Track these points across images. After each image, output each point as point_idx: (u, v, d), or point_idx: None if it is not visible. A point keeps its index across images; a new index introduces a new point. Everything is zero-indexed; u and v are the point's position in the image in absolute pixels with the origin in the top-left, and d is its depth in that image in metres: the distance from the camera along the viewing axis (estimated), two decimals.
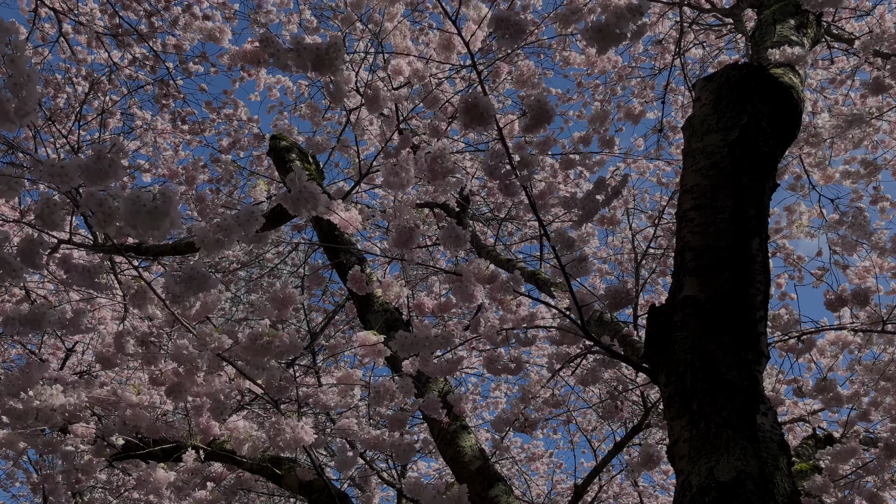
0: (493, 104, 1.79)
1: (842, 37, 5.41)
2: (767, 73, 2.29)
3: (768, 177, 2.22)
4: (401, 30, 3.60)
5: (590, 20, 6.11)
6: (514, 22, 1.82)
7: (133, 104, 7.19)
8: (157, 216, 1.74)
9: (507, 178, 2.08)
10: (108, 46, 6.63)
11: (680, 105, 7.28)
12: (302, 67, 1.90)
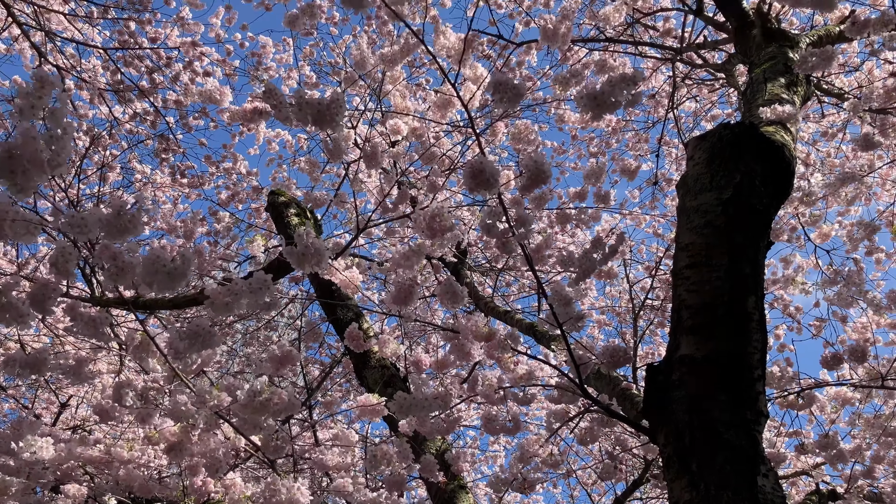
0: (498, 169, 1.81)
1: (831, 91, 5.51)
2: (759, 133, 2.33)
3: (763, 235, 2.24)
4: (399, 90, 3.66)
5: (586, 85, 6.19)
6: (513, 86, 1.85)
7: (133, 158, 7.27)
8: (175, 277, 1.77)
9: (504, 236, 2.09)
10: (109, 102, 6.73)
11: (674, 157, 7.37)
12: (303, 121, 1.93)
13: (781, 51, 3.34)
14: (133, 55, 6.58)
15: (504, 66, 7.03)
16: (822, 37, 3.68)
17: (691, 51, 5.67)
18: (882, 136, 3.14)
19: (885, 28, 2.48)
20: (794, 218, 4.71)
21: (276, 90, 1.96)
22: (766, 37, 3.49)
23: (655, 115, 7.25)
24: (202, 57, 6.84)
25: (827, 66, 2.58)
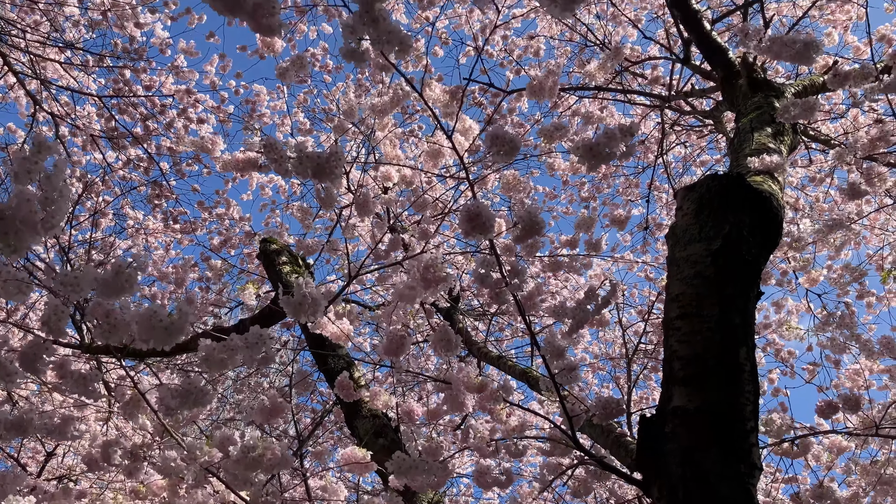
0: (493, 214, 1.83)
1: (818, 138, 5.59)
2: (747, 183, 2.36)
3: (752, 285, 2.25)
4: (391, 139, 3.70)
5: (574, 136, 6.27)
6: (510, 139, 1.88)
7: (126, 204, 7.29)
8: (172, 332, 1.76)
9: (497, 286, 2.09)
10: (103, 148, 6.77)
11: (665, 202, 7.43)
12: (303, 175, 1.94)
13: (767, 100, 3.39)
14: (128, 102, 6.64)
15: (495, 112, 7.12)
16: (806, 86, 3.75)
17: (679, 98, 5.76)
18: (868, 185, 3.18)
19: (864, 80, 2.53)
20: (785, 262, 4.74)
21: (275, 144, 1.98)
22: (752, 86, 3.56)
23: (645, 160, 7.33)
24: (196, 104, 6.91)
25: (809, 116, 2.62)
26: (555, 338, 2.22)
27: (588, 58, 6.80)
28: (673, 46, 5.95)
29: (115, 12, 6.33)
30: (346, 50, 1.74)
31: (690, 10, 3.93)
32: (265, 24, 1.60)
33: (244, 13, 1.58)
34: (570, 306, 2.09)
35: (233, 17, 1.63)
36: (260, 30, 1.62)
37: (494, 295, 2.03)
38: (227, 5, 1.56)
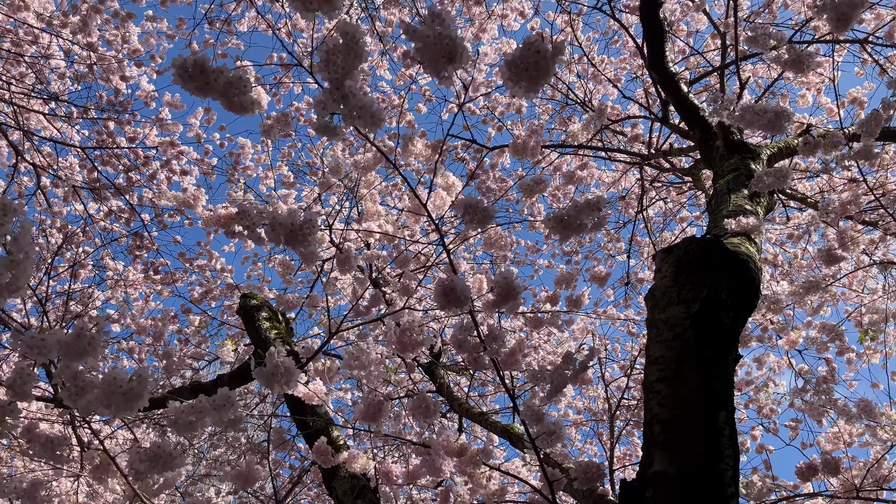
0: (468, 287, 1.82)
1: (795, 196, 5.68)
2: (724, 247, 2.38)
3: (731, 349, 2.25)
4: (372, 196, 3.72)
5: (555, 190, 6.30)
6: (483, 209, 1.89)
7: (106, 255, 7.22)
8: (132, 398, 1.73)
9: (475, 351, 2.08)
10: (84, 199, 6.74)
11: (646, 256, 7.48)
12: (275, 242, 1.94)
13: (744, 162, 3.45)
14: (111, 154, 6.65)
15: (478, 168, 7.19)
16: (781, 149, 3.83)
17: (659, 157, 5.85)
18: (843, 249, 3.23)
19: (835, 148, 2.59)
20: (765, 323, 4.76)
21: (248, 211, 1.98)
22: (729, 148, 3.62)
23: (626, 214, 7.40)
24: (180, 156, 6.93)
25: (782, 184, 2.67)
26: (534, 402, 2.20)
27: (569, 115, 6.92)
28: (652, 106, 6.07)
29: (101, 65, 6.38)
30: (318, 125, 1.76)
31: (668, 73, 4.01)
32: (237, 102, 1.61)
33: (215, 92, 1.59)
34: (548, 371, 2.08)
35: (205, 97, 1.64)
36: (232, 108, 1.63)
37: (472, 360, 2.02)
38: (198, 86, 1.57)
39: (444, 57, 1.59)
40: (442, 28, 1.57)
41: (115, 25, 6.43)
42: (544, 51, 1.61)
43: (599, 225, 1.92)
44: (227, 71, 1.60)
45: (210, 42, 6.74)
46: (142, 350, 6.77)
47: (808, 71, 2.54)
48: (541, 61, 1.61)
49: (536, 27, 7.08)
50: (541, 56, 1.61)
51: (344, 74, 1.62)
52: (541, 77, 1.63)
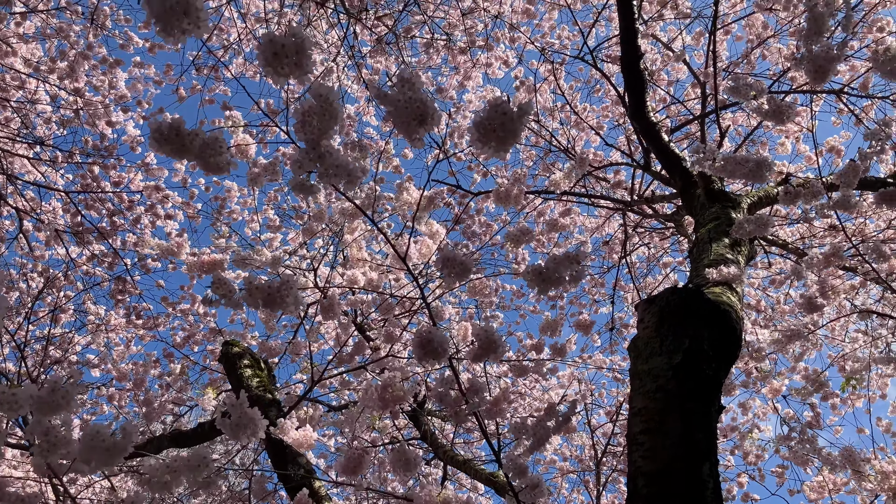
0: (447, 338, 1.82)
1: (776, 242, 5.74)
2: (706, 298, 2.39)
3: (714, 400, 2.25)
4: (357, 242, 3.72)
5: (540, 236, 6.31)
6: (461, 262, 1.90)
7: (87, 299, 7.15)
8: (114, 453, 1.69)
9: (457, 404, 2.07)
10: (66, 243, 6.70)
11: (630, 302, 7.50)
12: (253, 306, 1.93)
13: (724, 211, 3.49)
14: (95, 198, 6.63)
15: (463, 212, 7.23)
16: (761, 197, 3.88)
17: (641, 203, 5.91)
18: (823, 298, 3.26)
19: (814, 198, 2.63)
20: (749, 369, 4.77)
21: (224, 281, 1.98)
22: (710, 197, 3.66)
23: (611, 259, 7.44)
24: (165, 200, 6.92)
25: (763, 232, 2.70)
26: (517, 455, 2.18)
27: (553, 161, 7.00)
28: (634, 153, 6.15)
29: (88, 110, 6.40)
30: (295, 184, 1.77)
31: (649, 122, 4.07)
32: (213, 163, 1.62)
33: (191, 154, 1.60)
34: (530, 423, 2.07)
35: (180, 159, 1.64)
36: (209, 169, 1.64)
37: (454, 413, 2.00)
38: (174, 149, 1.58)
39: (415, 120, 1.61)
40: (412, 92, 1.59)
41: (102, 71, 6.48)
42: (510, 112, 1.63)
43: (578, 277, 1.93)
44: (202, 133, 1.61)
45: (197, 88, 6.80)
46: (122, 396, 6.67)
47: (788, 121, 2.58)
48: (507, 122, 1.64)
49: (520, 75, 7.20)
50: (507, 117, 1.63)
51: (320, 134, 1.64)
52: (508, 137, 1.65)
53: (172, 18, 1.35)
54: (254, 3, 6.57)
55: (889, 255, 2.97)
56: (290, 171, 1.77)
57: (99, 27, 6.28)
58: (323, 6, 6.15)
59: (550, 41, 7.12)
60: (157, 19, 1.34)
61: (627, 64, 3.98)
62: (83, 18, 6.26)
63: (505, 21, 6.65)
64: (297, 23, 6.74)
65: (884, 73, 2.56)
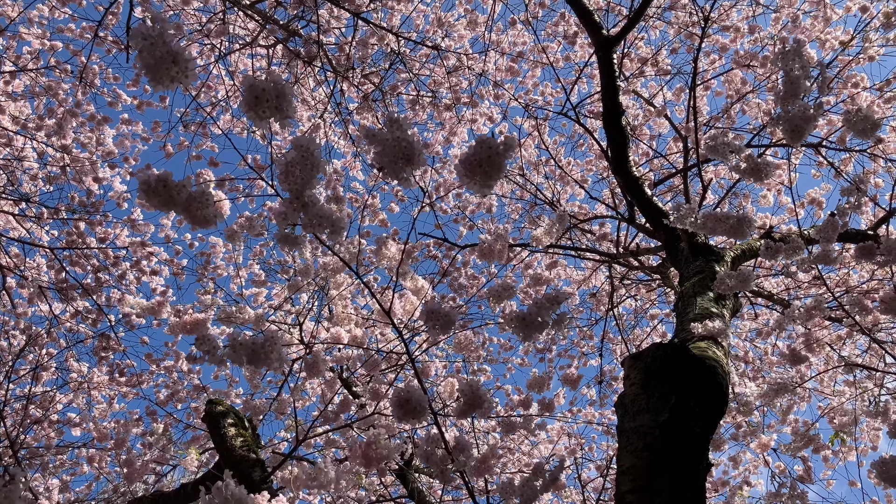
0: (426, 397, 1.80)
1: (761, 293, 5.77)
2: (691, 354, 2.39)
3: (701, 457, 2.23)
4: (342, 298, 3.71)
5: (525, 290, 6.30)
6: (444, 315, 1.89)
7: (70, 357, 7.06)
8: None
9: (443, 463, 2.04)
10: (50, 300, 6.64)
11: (619, 354, 7.48)
12: (238, 362, 1.91)
13: (708, 265, 3.51)
14: (80, 254, 6.60)
15: (450, 265, 7.24)
16: (745, 251, 3.91)
17: (627, 256, 5.94)
18: (808, 351, 3.26)
19: (795, 253, 2.65)
20: (739, 422, 4.73)
21: (208, 337, 1.96)
22: (693, 251, 3.69)
23: (598, 311, 7.44)
24: (151, 256, 6.90)
25: (745, 287, 2.72)
26: None
27: (538, 214, 7.05)
28: (618, 206, 6.21)
29: (74, 167, 6.42)
30: (279, 235, 1.78)
31: (631, 177, 4.12)
32: (200, 216, 1.62)
33: (178, 207, 1.61)
34: (517, 483, 2.04)
35: (168, 212, 1.65)
36: (195, 222, 1.64)
37: (440, 473, 1.97)
38: (162, 201, 1.59)
39: (402, 159, 1.63)
40: (400, 132, 1.62)
41: (90, 128, 6.52)
42: (496, 147, 1.66)
43: (561, 321, 1.92)
44: (189, 185, 1.62)
45: (185, 144, 6.84)
46: (102, 457, 6.53)
47: (766, 179, 2.62)
48: (493, 156, 1.66)
49: (505, 131, 7.30)
50: (493, 151, 1.66)
51: (303, 186, 1.65)
52: (494, 172, 1.68)
53: (162, 67, 1.37)
54: (241, 60, 6.66)
55: (871, 309, 2.99)
56: (275, 225, 1.78)
57: (88, 85, 6.34)
58: (310, 64, 6.24)
59: (534, 98, 7.25)
60: (148, 69, 1.37)
61: (609, 120, 4.05)
62: (72, 76, 6.33)
63: (489, 78, 6.77)
64: (284, 79, 6.84)
65: (856, 132, 2.62)
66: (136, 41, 1.34)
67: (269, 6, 5.91)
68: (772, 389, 3.05)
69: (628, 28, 4.01)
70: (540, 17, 6.68)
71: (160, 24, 1.37)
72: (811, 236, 3.22)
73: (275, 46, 6.34)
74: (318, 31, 5.72)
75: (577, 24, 6.52)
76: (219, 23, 5.93)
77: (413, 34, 6.82)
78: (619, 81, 4.22)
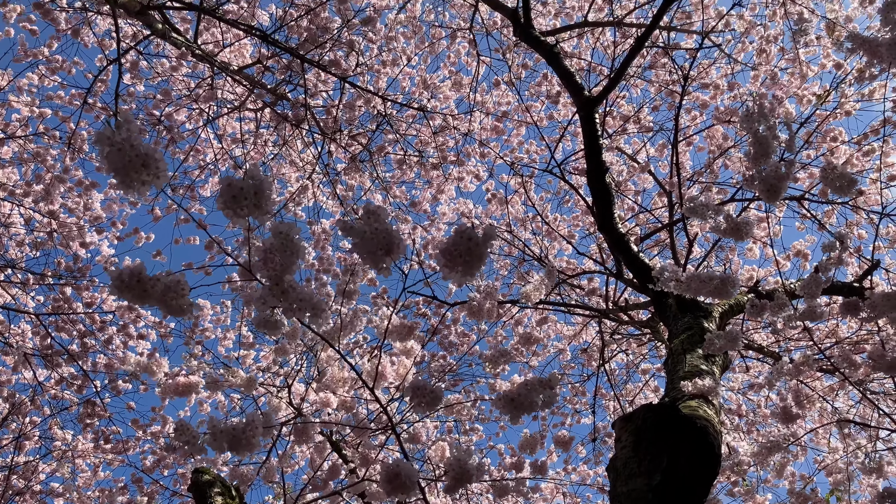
0: (416, 472, 1.77)
1: (752, 346, 5.76)
2: (682, 415, 2.37)
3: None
4: (333, 360, 3.68)
5: (516, 348, 6.26)
6: (431, 391, 1.87)
7: (54, 424, 6.92)
8: None
9: None
10: (35, 366, 6.54)
11: (612, 410, 7.41)
12: (219, 450, 1.89)
13: (697, 321, 3.51)
14: (66, 320, 6.54)
15: (440, 323, 7.21)
16: (732, 306, 3.91)
17: (617, 311, 5.94)
18: (799, 407, 3.25)
19: (781, 310, 2.66)
20: (733, 482, 4.67)
21: (187, 427, 1.94)
22: (681, 307, 3.69)
23: (590, 367, 7.40)
24: (138, 319, 6.84)
25: (733, 347, 2.71)
26: None
27: (527, 270, 7.06)
28: (606, 261, 6.24)
29: (61, 232, 6.41)
30: (258, 320, 1.77)
31: (617, 233, 4.15)
32: (175, 305, 1.61)
33: (153, 299, 1.59)
34: None
35: (143, 304, 1.64)
36: (170, 312, 1.63)
37: None
38: (136, 295, 1.58)
39: (381, 249, 1.63)
40: (378, 223, 1.62)
41: (77, 193, 6.53)
42: (476, 238, 1.66)
43: (550, 403, 1.91)
44: (163, 277, 1.61)
45: (173, 207, 6.86)
46: None
47: (747, 237, 2.64)
48: (473, 248, 1.66)
49: (491, 188, 7.37)
50: (473, 243, 1.66)
51: (282, 271, 1.65)
52: (475, 262, 1.68)
53: (131, 171, 1.36)
54: (230, 124, 6.74)
55: (860, 363, 2.99)
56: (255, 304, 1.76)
57: (76, 151, 6.38)
58: (298, 127, 6.32)
59: (519, 155, 7.34)
60: (116, 172, 1.36)
61: (593, 178, 4.09)
62: (61, 143, 6.37)
63: (475, 137, 6.86)
64: (272, 143, 6.91)
65: (833, 189, 2.66)
66: (102, 146, 1.33)
67: (256, 71, 6.00)
68: (765, 448, 3.02)
69: (609, 88, 4.08)
70: (523, 78, 6.82)
71: (127, 126, 1.36)
72: (796, 291, 3.23)
73: (262, 110, 6.41)
74: (306, 94, 5.80)
75: (559, 83, 6.65)
76: (207, 88, 6.01)
77: (399, 96, 6.93)
78: (602, 140, 4.28)
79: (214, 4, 5.38)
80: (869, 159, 5.59)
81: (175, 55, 5.63)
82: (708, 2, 6.00)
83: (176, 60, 5.79)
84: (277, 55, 5.66)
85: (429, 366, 7.21)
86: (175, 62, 5.84)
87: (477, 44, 6.63)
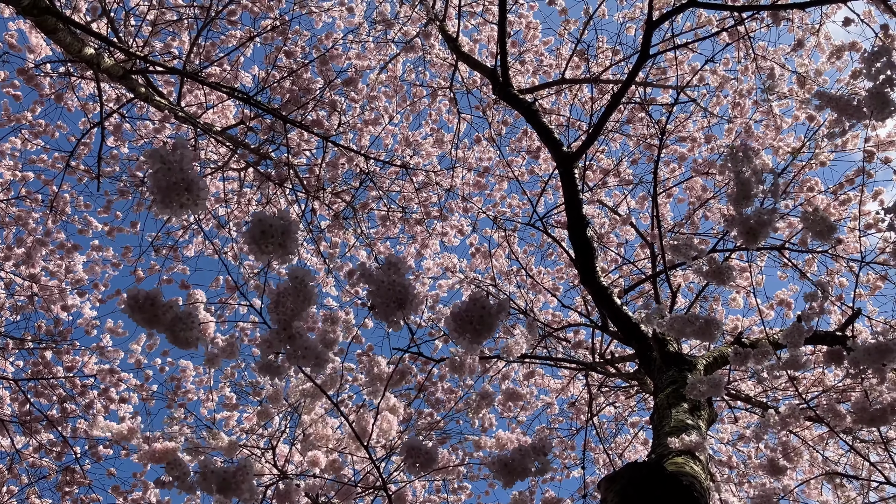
0: None
1: (739, 396, 5.74)
2: (668, 473, 2.34)
3: None
4: (319, 418, 3.63)
5: (503, 403, 6.23)
6: (426, 451, 1.85)
7: (32, 494, 6.74)
8: None
9: None
10: (12, 434, 6.40)
11: (602, 464, 7.32)
12: (207, 491, 1.85)
13: (681, 374, 3.50)
14: (45, 384, 6.43)
15: (426, 380, 7.15)
16: (716, 358, 3.91)
17: (604, 364, 5.91)
18: (787, 460, 3.22)
19: (764, 359, 2.66)
20: None
21: (179, 461, 1.90)
22: (665, 360, 3.69)
23: (578, 421, 7.33)
24: (119, 383, 6.74)
25: (717, 393, 2.70)
26: None
27: (512, 324, 7.04)
28: (591, 313, 6.24)
29: (43, 295, 6.35)
30: (261, 365, 1.75)
31: (599, 286, 4.16)
32: (182, 337, 1.62)
33: (162, 326, 1.61)
34: None
35: (150, 329, 1.65)
36: (177, 342, 1.64)
37: None
38: (146, 318, 1.58)
39: (394, 302, 1.64)
40: (396, 276, 1.63)
41: (59, 255, 6.50)
42: (489, 307, 1.67)
43: (544, 470, 1.89)
44: (176, 306, 1.62)
45: (155, 268, 6.82)
46: None
47: (729, 281, 2.65)
48: (486, 317, 1.67)
49: (475, 242, 7.40)
50: (486, 312, 1.67)
51: (292, 316, 1.65)
52: (484, 331, 1.68)
53: (173, 193, 1.39)
54: (213, 184, 6.76)
55: (845, 414, 2.98)
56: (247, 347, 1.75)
57: (58, 213, 6.37)
58: (281, 185, 6.35)
59: (502, 209, 7.40)
60: (159, 192, 1.38)
61: (575, 232, 4.12)
62: (43, 206, 6.36)
63: (458, 193, 6.92)
64: (256, 202, 6.93)
65: (814, 234, 2.68)
66: (154, 162, 1.37)
67: (240, 132, 6.06)
68: (756, 502, 2.98)
69: (588, 143, 4.14)
70: (503, 134, 6.93)
71: (182, 150, 1.40)
72: (780, 340, 3.24)
73: (246, 169, 6.45)
74: (289, 153, 5.85)
75: (539, 139, 6.76)
76: (190, 149, 6.04)
77: (382, 153, 7.00)
78: (582, 194, 4.33)
79: (197, 68, 5.46)
80: (846, 208, 5.68)
81: (158, 117, 5.68)
82: (682, 58, 6.16)
83: (159, 122, 5.84)
84: (260, 116, 5.72)
85: (416, 423, 7.11)
86: (158, 124, 5.89)
87: (457, 102, 6.74)
